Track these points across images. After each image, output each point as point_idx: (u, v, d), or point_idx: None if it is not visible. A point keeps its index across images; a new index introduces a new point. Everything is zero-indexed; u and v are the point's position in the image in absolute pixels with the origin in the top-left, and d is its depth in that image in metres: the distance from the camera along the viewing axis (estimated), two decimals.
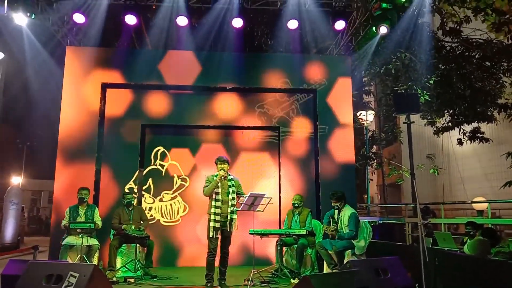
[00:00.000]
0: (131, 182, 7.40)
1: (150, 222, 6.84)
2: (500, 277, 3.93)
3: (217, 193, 5.03)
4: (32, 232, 19.01)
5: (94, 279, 3.69)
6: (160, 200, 7.66)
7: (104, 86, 7.32)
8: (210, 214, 5.01)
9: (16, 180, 21.54)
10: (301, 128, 7.70)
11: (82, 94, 7.29)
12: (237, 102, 7.71)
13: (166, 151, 7.84)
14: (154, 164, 7.89)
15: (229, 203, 5.03)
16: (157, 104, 7.53)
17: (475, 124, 11.92)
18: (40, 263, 4.03)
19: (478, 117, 11.42)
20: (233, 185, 5.11)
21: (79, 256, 5.73)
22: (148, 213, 7.25)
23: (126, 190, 7.11)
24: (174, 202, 7.72)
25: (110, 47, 8.11)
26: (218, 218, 4.97)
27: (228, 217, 5.01)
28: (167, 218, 7.63)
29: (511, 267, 4.12)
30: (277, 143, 7.69)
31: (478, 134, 11.91)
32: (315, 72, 7.82)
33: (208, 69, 7.59)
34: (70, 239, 5.86)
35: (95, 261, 5.95)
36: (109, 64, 7.42)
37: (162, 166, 7.87)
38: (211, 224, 4.96)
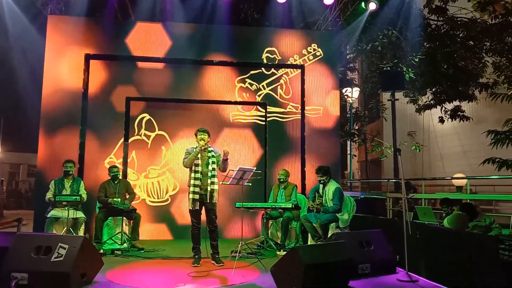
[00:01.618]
0: (111, 155, 7.12)
1: (134, 202, 6.51)
2: (477, 249, 4.11)
3: (196, 165, 4.96)
4: (12, 206, 18.77)
5: (84, 250, 3.71)
6: (146, 176, 7.16)
7: (88, 57, 7.13)
8: (189, 186, 4.97)
9: None
10: (288, 105, 7.70)
11: (64, 65, 7.10)
12: (225, 77, 7.62)
13: (152, 119, 7.34)
14: (138, 134, 7.24)
15: (209, 174, 5.00)
16: (144, 77, 7.36)
17: (456, 103, 12.17)
18: (28, 235, 4.02)
19: (459, 95, 11.65)
20: (213, 156, 5.06)
21: (65, 228, 5.71)
22: None
23: (106, 165, 6.91)
24: (162, 179, 7.22)
25: (93, 17, 7.84)
26: (197, 190, 4.92)
27: (209, 189, 4.94)
28: (154, 198, 7.13)
29: (486, 240, 4.30)
30: (263, 123, 7.63)
31: (459, 113, 12.18)
32: (302, 47, 7.81)
33: (195, 41, 7.47)
34: (55, 212, 5.83)
35: (81, 233, 5.93)
36: (92, 34, 7.22)
37: (148, 136, 7.31)
38: (190, 196, 4.92)
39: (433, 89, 12.09)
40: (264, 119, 7.66)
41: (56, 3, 7.37)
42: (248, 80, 7.73)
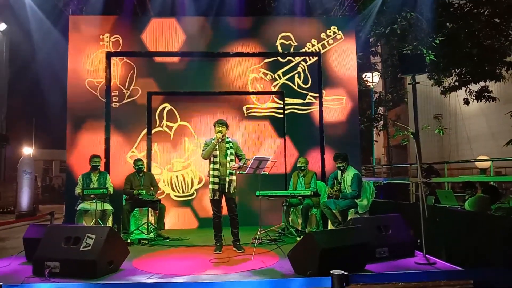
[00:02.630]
0: (133, 149, 7.23)
1: (159, 197, 6.67)
2: (498, 231, 4.07)
3: (215, 156, 5.10)
4: (46, 200, 19.60)
5: (110, 240, 3.92)
6: (170, 170, 7.09)
7: (109, 55, 7.36)
8: (209, 177, 5.14)
9: (27, 150, 21.95)
10: (307, 95, 7.62)
11: (87, 63, 7.36)
12: (243, 67, 7.65)
13: (174, 109, 7.31)
14: (160, 126, 7.16)
15: (228, 165, 5.12)
16: (161, 71, 7.53)
17: (482, 83, 11.82)
18: (58, 227, 4.28)
19: (485, 76, 11.30)
20: (231, 147, 5.16)
21: (94, 220, 5.99)
22: None
23: (128, 159, 7.10)
24: (187, 172, 7.10)
25: (112, 15, 8.05)
26: (216, 180, 5.07)
27: (227, 179, 5.08)
28: (179, 192, 7.04)
29: (509, 222, 4.26)
30: (280, 116, 7.62)
31: (485, 93, 11.84)
32: (320, 31, 7.68)
33: (212, 34, 7.57)
34: (84, 205, 6.12)
35: (109, 224, 6.19)
36: (111, 32, 7.44)
37: (170, 128, 7.26)
38: (210, 186, 5.09)
39: (458, 70, 11.78)
40: (281, 111, 7.59)
41: (78, 4, 7.62)
42: (262, 70, 7.66)
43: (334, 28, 7.74)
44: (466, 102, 12.20)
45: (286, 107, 7.60)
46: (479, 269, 3.80)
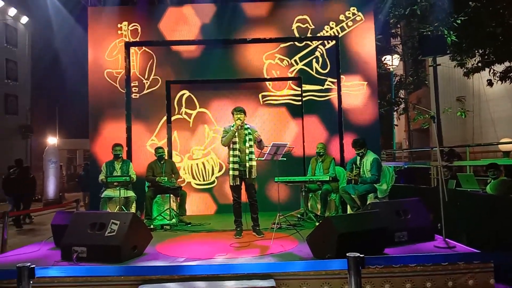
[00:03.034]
0: (153, 137, 7.31)
1: (180, 184, 6.67)
2: None
3: (234, 143, 5.16)
4: (71, 189, 20.19)
5: (133, 225, 4.05)
6: (190, 158, 7.06)
7: (127, 45, 7.45)
8: (229, 163, 5.22)
9: (52, 140, 22.58)
10: (326, 81, 7.53)
11: (106, 53, 7.49)
12: (258, 53, 7.63)
13: (192, 95, 7.25)
14: (179, 113, 7.12)
15: (247, 151, 5.17)
16: (181, 60, 7.60)
17: (507, 64, 11.46)
18: (84, 213, 4.44)
19: (510, 56, 10.96)
20: (249, 133, 5.21)
21: (118, 207, 6.17)
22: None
23: (148, 147, 7.21)
24: (207, 160, 7.08)
25: (130, 5, 8.13)
26: (236, 166, 5.15)
27: (247, 165, 5.14)
28: (199, 180, 7.01)
29: None
30: (298, 103, 7.57)
31: (510, 74, 11.49)
32: (339, 13, 7.52)
33: (227, 21, 7.55)
34: (108, 192, 6.30)
35: (133, 211, 6.37)
36: (129, 22, 7.53)
37: (189, 115, 7.22)
38: (230, 172, 5.17)
39: (481, 51, 11.45)
40: (299, 98, 7.50)
41: None
42: (278, 55, 7.55)
43: (354, 9, 7.52)
44: (490, 83, 11.89)
45: (304, 94, 7.52)
46: (499, 252, 3.78)
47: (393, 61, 13.80)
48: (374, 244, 3.86)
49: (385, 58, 13.65)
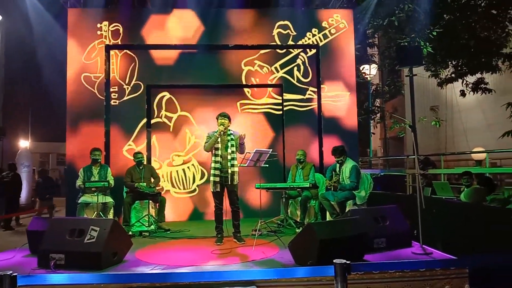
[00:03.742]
0: (130, 142, 7.07)
1: (159, 190, 6.56)
2: (494, 222, 4.17)
3: (216, 149, 5.14)
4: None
5: (114, 232, 3.99)
6: (170, 164, 6.80)
7: (108, 48, 7.35)
8: (211, 169, 5.19)
9: (24, 143, 21.91)
10: (307, 90, 7.53)
11: (84, 56, 7.35)
12: (238, 60, 7.59)
13: (173, 98, 6.94)
14: (158, 116, 6.80)
15: (229, 157, 5.16)
16: (162, 63, 7.52)
17: (479, 75, 11.90)
18: (62, 219, 4.34)
19: (482, 67, 11.38)
20: (232, 140, 5.21)
21: (95, 213, 6.05)
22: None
23: (124, 153, 7.04)
24: (188, 167, 6.84)
25: (111, 8, 8.03)
26: (218, 173, 5.11)
27: (229, 171, 5.12)
28: (179, 188, 6.77)
29: (504, 213, 4.36)
30: (277, 112, 7.51)
31: (482, 85, 11.92)
32: (321, 20, 7.54)
33: (211, 26, 7.54)
34: (85, 198, 6.18)
35: (110, 217, 6.26)
36: (110, 25, 7.43)
37: (170, 118, 6.92)
38: (211, 178, 5.14)
39: (454, 62, 11.85)
40: (279, 107, 7.40)
41: None
42: (258, 62, 7.42)
43: (337, 16, 7.51)
44: (463, 94, 12.31)
45: (284, 103, 7.44)
46: (473, 257, 3.91)
47: (371, 70, 14.10)
48: (354, 251, 3.93)
49: (363, 67, 13.94)
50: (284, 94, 7.43)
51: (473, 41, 10.76)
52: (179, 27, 7.56)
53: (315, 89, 7.41)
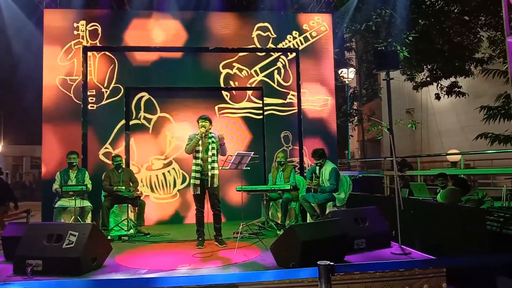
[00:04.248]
0: (107, 145, 6.90)
1: (138, 194, 6.40)
2: (469, 222, 4.30)
3: (197, 151, 5.12)
4: (18, 198, 19.02)
5: (93, 236, 3.91)
6: (149, 168, 6.64)
7: (85, 49, 7.20)
8: (192, 172, 5.16)
9: None
10: (288, 94, 7.52)
11: (59, 57, 7.18)
12: (217, 62, 7.52)
13: (152, 98, 6.71)
14: (136, 118, 6.58)
15: (209, 160, 5.14)
16: (141, 66, 7.43)
17: (452, 79, 12.27)
18: (39, 224, 4.23)
19: (455, 71, 11.75)
20: (213, 142, 5.18)
21: (73, 217, 5.92)
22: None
23: (100, 156, 6.91)
24: (169, 171, 6.68)
25: (89, 9, 7.89)
26: (198, 175, 5.08)
27: (209, 174, 5.10)
28: (159, 193, 6.59)
29: (479, 213, 4.49)
30: (257, 117, 7.42)
31: (455, 89, 12.30)
32: (302, 22, 7.52)
33: (191, 29, 7.49)
34: (63, 202, 6.04)
35: (88, 221, 6.14)
36: (88, 26, 7.28)
37: (149, 120, 6.69)
38: (192, 181, 5.11)
39: (429, 66, 12.18)
40: (259, 111, 7.30)
41: None
42: (237, 65, 7.31)
43: (318, 19, 7.49)
44: (437, 97, 12.66)
45: (265, 108, 7.40)
46: (451, 257, 4.01)
47: (349, 74, 14.32)
48: (335, 251, 3.98)
49: (342, 71, 14.16)
50: (264, 98, 7.37)
51: (447, 46, 11.10)
52: (159, 30, 7.48)
53: (296, 93, 7.45)
